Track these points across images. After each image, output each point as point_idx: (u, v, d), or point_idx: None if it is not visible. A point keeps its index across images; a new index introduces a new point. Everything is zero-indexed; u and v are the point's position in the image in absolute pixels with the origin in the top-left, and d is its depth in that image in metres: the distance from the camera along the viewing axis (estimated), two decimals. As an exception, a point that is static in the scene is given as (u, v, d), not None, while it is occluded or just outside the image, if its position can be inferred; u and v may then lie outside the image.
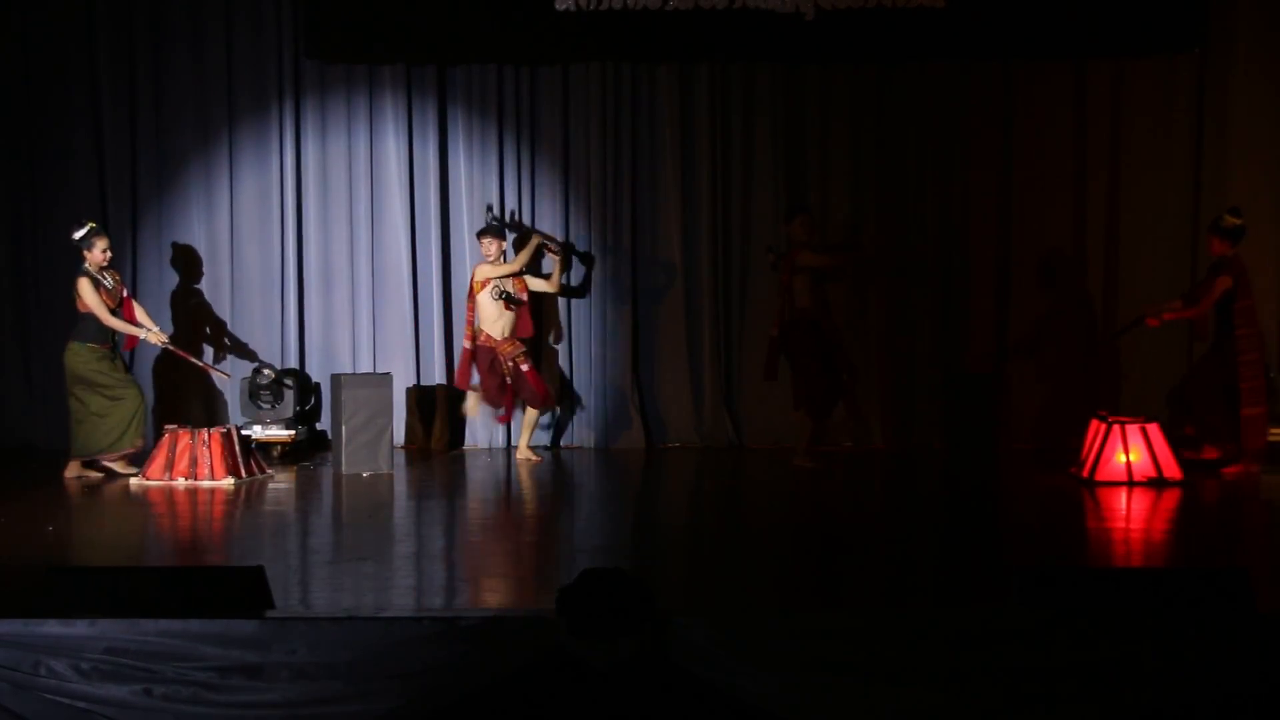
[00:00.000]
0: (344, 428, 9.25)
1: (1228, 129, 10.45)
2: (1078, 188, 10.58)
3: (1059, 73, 10.56)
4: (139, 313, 9.19)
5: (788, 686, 4.22)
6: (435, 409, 10.61)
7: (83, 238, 8.87)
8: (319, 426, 10.48)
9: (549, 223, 10.65)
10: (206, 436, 8.71)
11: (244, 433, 9.20)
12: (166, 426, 8.96)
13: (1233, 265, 8.85)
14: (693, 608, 4.49)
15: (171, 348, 9.40)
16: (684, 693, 3.73)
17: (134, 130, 10.51)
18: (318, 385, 10.54)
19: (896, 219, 10.61)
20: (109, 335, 8.90)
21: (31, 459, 9.91)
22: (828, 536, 7.47)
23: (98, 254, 8.85)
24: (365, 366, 10.47)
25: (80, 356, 8.84)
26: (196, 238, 10.54)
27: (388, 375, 9.76)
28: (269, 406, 9.99)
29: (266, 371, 10.07)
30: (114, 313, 8.89)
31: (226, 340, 10.50)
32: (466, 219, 10.62)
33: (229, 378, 10.01)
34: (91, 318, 8.83)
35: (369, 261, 10.64)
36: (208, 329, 10.52)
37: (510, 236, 10.17)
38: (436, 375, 10.64)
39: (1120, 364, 10.44)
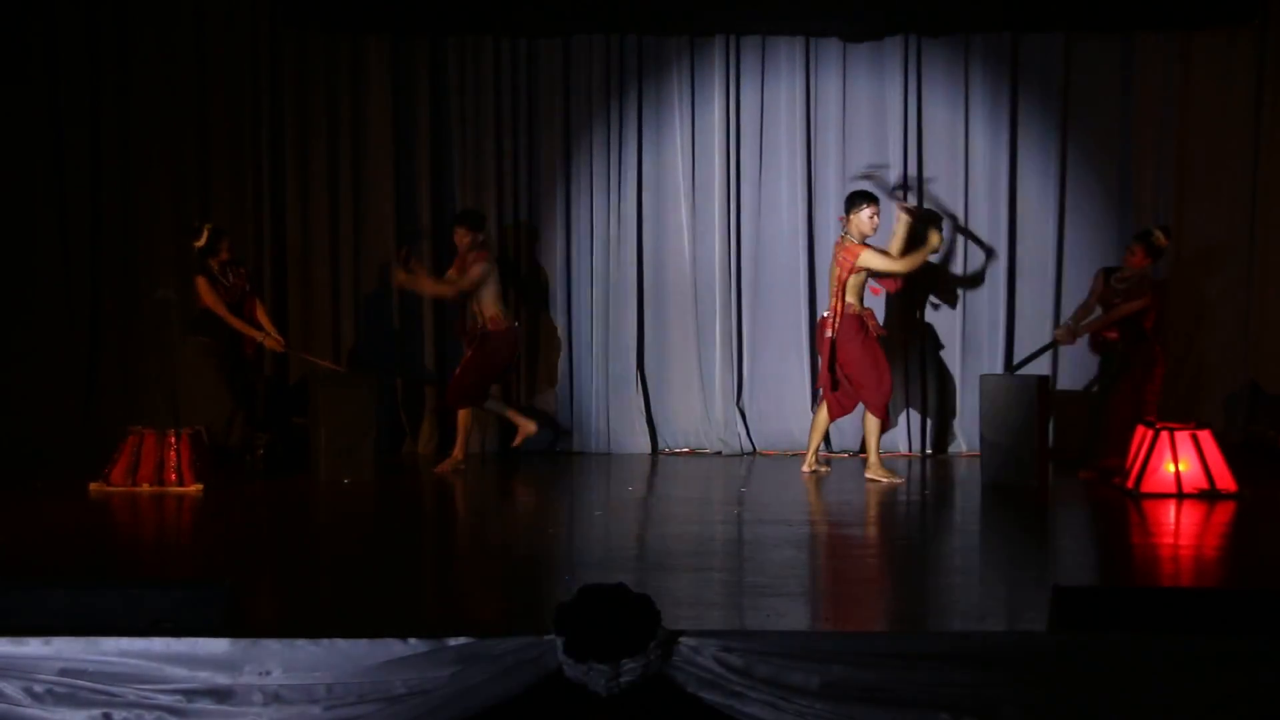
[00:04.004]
0: (323, 431, 9.23)
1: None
2: (1132, 173, 10.50)
3: (1107, 47, 10.50)
4: (260, 314, 9.66)
5: (806, 714, 4.22)
6: (423, 409, 10.61)
7: (207, 244, 9.38)
8: (297, 429, 10.46)
9: (550, 207, 10.65)
10: (175, 438, 8.69)
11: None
12: (131, 427, 8.96)
13: (1151, 280, 9.23)
14: (702, 627, 4.49)
15: (290, 352, 9.96)
16: (692, 720, 3.73)
17: (96, 109, 10.49)
18: (296, 384, 10.53)
19: (933, 206, 10.56)
20: (224, 333, 9.36)
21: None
22: (851, 550, 7.46)
23: (223, 254, 9.39)
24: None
25: (188, 350, 9.34)
26: (164, 224, 10.53)
27: (372, 374, 9.75)
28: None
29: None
30: (233, 310, 9.40)
31: None
32: (458, 203, 10.61)
33: (345, 372, 10.10)
34: (206, 314, 9.34)
35: (352, 250, 10.63)
36: None
37: None
38: (424, 372, 10.64)
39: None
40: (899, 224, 9.43)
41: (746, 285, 10.68)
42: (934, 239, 9.35)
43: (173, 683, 4.20)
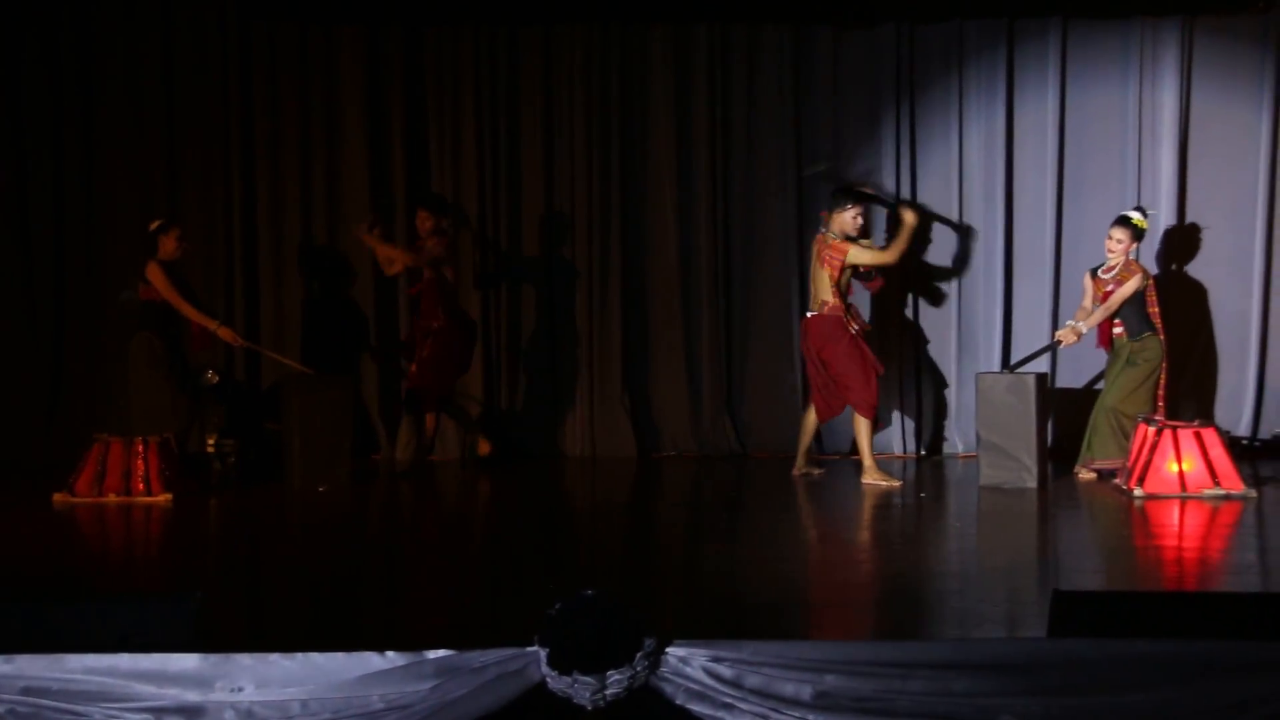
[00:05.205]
0: (297, 436, 9.22)
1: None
2: (1132, 163, 10.49)
3: (1106, 32, 10.51)
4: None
5: (798, 727, 4.23)
6: (400, 414, 10.60)
7: (158, 227, 9.31)
8: (270, 435, 10.45)
9: (532, 204, 10.66)
10: (142, 446, 8.67)
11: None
12: (96, 435, 8.94)
13: (1138, 262, 9.30)
14: (691, 636, 4.50)
15: (248, 344, 9.90)
16: (681, 734, 3.73)
17: (58, 106, 10.45)
18: (269, 389, 10.52)
19: (928, 202, 10.57)
20: (167, 327, 9.19)
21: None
22: (844, 555, 7.48)
23: (171, 242, 9.25)
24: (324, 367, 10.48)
25: (135, 349, 9.25)
26: (130, 226, 10.49)
27: (347, 377, 9.75)
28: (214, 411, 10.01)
29: (211, 374, 10.06)
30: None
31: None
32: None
33: (311, 373, 10.01)
34: (153, 308, 9.18)
35: (326, 251, 10.64)
36: None
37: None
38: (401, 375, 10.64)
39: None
40: (903, 227, 9.36)
41: (735, 281, 10.69)
42: (909, 216, 9.35)
43: (141, 700, 4.20)
